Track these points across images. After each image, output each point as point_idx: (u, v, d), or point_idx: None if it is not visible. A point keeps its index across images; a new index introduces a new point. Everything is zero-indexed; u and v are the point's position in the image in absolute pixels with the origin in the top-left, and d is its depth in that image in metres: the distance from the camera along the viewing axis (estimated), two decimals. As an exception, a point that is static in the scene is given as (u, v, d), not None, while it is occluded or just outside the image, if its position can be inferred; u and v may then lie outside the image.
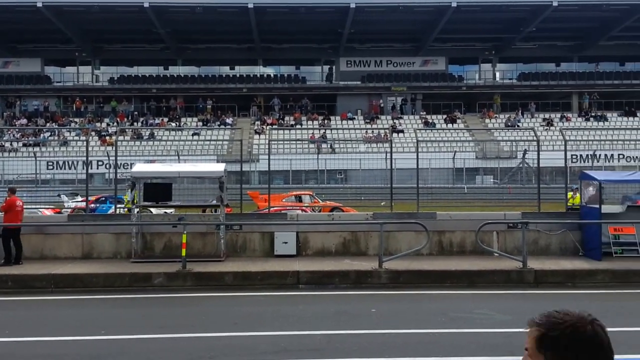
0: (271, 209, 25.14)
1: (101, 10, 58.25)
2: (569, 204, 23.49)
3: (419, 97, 70.22)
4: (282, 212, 24.32)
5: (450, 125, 64.38)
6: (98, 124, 64.48)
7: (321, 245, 20.44)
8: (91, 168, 41.83)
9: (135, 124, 64.93)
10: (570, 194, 23.66)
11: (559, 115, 67.25)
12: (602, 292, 16.61)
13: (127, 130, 61.45)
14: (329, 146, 56.41)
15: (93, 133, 60.33)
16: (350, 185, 45.73)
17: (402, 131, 61.44)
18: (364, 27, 62.23)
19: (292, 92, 69.62)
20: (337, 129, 62.15)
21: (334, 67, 71.73)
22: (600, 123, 65.04)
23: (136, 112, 68.14)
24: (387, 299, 15.81)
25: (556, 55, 72.22)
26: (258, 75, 70.91)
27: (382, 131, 58.60)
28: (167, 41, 65.97)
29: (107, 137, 59.31)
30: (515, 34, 65.66)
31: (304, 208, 31.85)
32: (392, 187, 23.51)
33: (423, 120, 65.35)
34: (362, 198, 39.17)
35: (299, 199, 35.55)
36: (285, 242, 20.00)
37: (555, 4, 57.33)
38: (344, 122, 65.76)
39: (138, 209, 20.25)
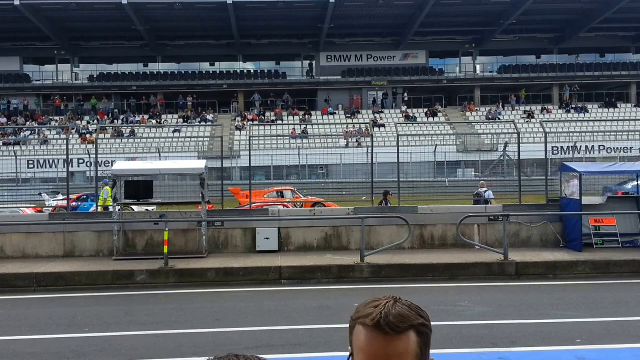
0: (253, 205, 25.10)
1: (79, 8, 57.84)
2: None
3: (399, 91, 70.39)
4: (264, 208, 24.31)
5: (431, 119, 64.47)
6: (78, 122, 64.16)
7: (303, 241, 20.45)
8: (72, 166, 41.55)
9: (115, 121, 64.81)
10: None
11: (540, 107, 67.53)
12: (583, 283, 16.71)
13: (107, 128, 61.33)
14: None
15: (73, 131, 59.98)
16: (331, 180, 45.63)
17: (383, 125, 61.47)
18: (343, 21, 62.28)
19: (272, 87, 69.60)
20: (318, 124, 62.04)
21: (314, 62, 71.65)
22: (581, 115, 65.34)
23: (116, 110, 68.06)
24: (369, 293, 15.73)
25: (536, 48, 72.51)
26: (238, 72, 70.63)
27: (363, 126, 58.61)
28: (146, 38, 65.71)
29: (88, 135, 59.08)
30: (495, 27, 65.84)
31: (285, 204, 31.81)
32: (374, 182, 23.52)
33: (404, 115, 65.42)
34: (344, 193, 39.08)
35: (280, 194, 35.46)
36: (267, 238, 19.99)
37: (535, -5, 57.52)
38: (325, 117, 65.78)
39: (119, 207, 20.22)
